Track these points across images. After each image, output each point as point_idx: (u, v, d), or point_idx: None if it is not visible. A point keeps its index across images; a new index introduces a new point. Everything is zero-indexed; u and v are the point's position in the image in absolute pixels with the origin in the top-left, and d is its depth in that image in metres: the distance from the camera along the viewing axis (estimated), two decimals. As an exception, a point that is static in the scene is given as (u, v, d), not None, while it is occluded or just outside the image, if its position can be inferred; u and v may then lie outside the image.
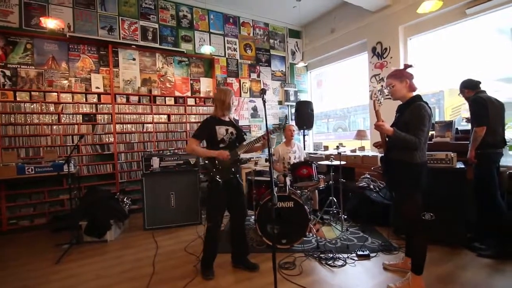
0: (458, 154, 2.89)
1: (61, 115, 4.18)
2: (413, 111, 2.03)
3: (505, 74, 4.42)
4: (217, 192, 2.42)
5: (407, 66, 2.20)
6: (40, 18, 3.73)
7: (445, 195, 2.80)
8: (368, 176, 4.01)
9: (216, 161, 2.40)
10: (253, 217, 3.52)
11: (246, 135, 2.66)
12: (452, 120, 3.57)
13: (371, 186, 3.81)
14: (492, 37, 4.31)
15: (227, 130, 2.47)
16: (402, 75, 2.17)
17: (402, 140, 2.00)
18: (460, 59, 4.13)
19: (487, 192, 2.69)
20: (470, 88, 2.87)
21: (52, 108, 4.14)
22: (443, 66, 4.30)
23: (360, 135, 4.74)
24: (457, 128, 3.57)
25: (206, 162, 2.44)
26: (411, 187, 2.09)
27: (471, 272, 2.35)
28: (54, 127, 4.15)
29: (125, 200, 4.02)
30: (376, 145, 2.37)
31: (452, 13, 3.91)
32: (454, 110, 4.69)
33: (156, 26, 5.04)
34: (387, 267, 2.48)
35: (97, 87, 4.49)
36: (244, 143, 2.52)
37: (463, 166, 2.83)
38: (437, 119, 4.03)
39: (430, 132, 3.74)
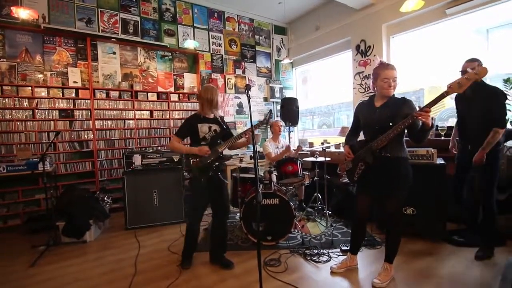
0: (438, 150, 2.97)
1: (36, 111, 3.97)
2: (411, 105, 2.05)
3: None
4: (198, 189, 2.47)
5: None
6: (11, 8, 3.50)
7: (425, 190, 2.88)
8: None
9: (197, 158, 2.43)
10: (238, 214, 3.50)
11: (231, 132, 2.64)
12: (432, 117, 3.65)
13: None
14: (470, 38, 4.46)
15: (210, 127, 2.51)
16: None
17: (429, 133, 1.98)
18: (440, 58, 4.25)
19: (493, 190, 2.55)
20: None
21: (26, 104, 3.92)
22: (424, 64, 4.41)
23: (344, 131, 4.79)
24: (437, 125, 3.67)
25: (187, 159, 2.47)
26: (407, 184, 2.13)
27: (451, 265, 2.42)
28: (28, 123, 3.94)
29: (105, 199, 3.88)
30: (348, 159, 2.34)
31: (433, 13, 4.00)
32: (433, 108, 4.81)
33: (138, 19, 4.87)
34: (336, 270, 2.38)
35: (75, 82, 4.29)
36: (228, 140, 2.51)
37: (443, 162, 2.91)
38: (418, 116, 4.12)
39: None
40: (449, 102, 4.80)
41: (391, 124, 2.02)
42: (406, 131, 2.07)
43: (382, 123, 2.07)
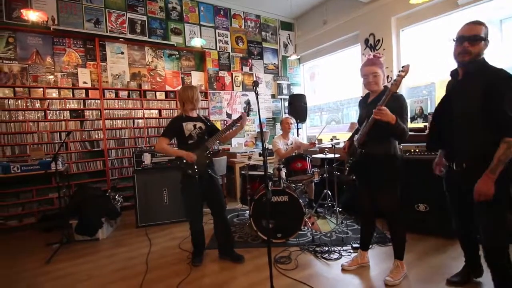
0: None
1: (48, 112, 4.05)
2: (399, 102, 2.00)
3: (494, 65, 4.43)
4: (191, 188, 2.48)
5: (378, 56, 2.16)
6: (21, 10, 3.57)
7: (438, 186, 2.80)
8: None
9: (184, 160, 2.46)
10: (247, 212, 3.50)
11: (216, 128, 2.69)
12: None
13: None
14: (483, 28, 4.31)
15: (195, 125, 2.54)
16: (382, 65, 2.13)
17: (401, 130, 1.91)
18: (451, 51, 4.13)
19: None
20: None
21: (38, 105, 4.00)
22: (435, 58, 4.30)
23: (353, 127, 4.72)
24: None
25: (178, 159, 2.50)
26: (396, 179, 2.11)
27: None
28: (41, 124, 4.02)
29: (116, 197, 3.94)
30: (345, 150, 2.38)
31: (444, 4, 3.89)
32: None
33: (145, 18, 4.89)
34: (347, 268, 2.36)
35: (85, 82, 4.35)
36: (216, 135, 2.55)
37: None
38: (429, 110, 4.04)
39: (423, 124, 3.77)
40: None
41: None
42: None
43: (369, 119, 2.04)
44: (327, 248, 2.73)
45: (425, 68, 4.38)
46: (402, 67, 1.81)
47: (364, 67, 2.15)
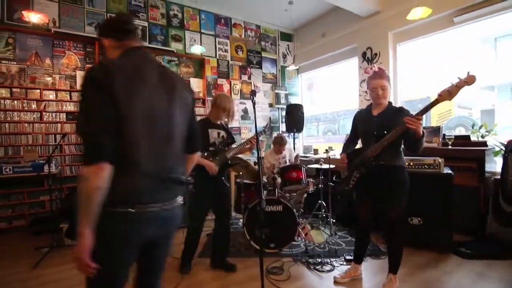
0: (446, 159, 2.93)
1: (44, 113, 4.02)
2: (409, 115, 1.98)
3: (488, 82, 4.54)
4: (203, 194, 2.48)
5: (383, 69, 2.18)
6: (23, 12, 3.58)
7: (432, 200, 2.83)
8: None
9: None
10: (241, 220, 3.47)
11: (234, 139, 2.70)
12: (439, 126, 3.63)
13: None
14: (477, 46, 4.43)
15: (219, 133, 2.54)
16: (389, 78, 2.16)
17: (422, 143, 1.93)
18: (447, 66, 4.22)
19: None
20: None
21: (34, 106, 3.98)
22: (431, 72, 4.38)
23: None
24: (444, 134, 3.62)
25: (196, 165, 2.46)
26: (405, 192, 2.10)
27: (457, 277, 2.37)
28: (36, 125, 3.98)
29: (109, 202, 3.89)
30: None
31: (441, 21, 3.99)
32: (440, 116, 4.78)
33: (146, 24, 4.94)
34: (340, 280, 2.34)
35: (83, 85, 4.34)
36: (233, 146, 2.56)
37: (450, 171, 2.86)
38: (424, 125, 4.10)
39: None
40: (457, 111, 4.76)
41: (386, 132, 2.00)
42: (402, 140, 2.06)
43: (379, 132, 2.06)
44: (320, 260, 2.71)
45: (420, 82, 4.46)
46: (465, 77, 1.71)
47: (372, 80, 2.14)
